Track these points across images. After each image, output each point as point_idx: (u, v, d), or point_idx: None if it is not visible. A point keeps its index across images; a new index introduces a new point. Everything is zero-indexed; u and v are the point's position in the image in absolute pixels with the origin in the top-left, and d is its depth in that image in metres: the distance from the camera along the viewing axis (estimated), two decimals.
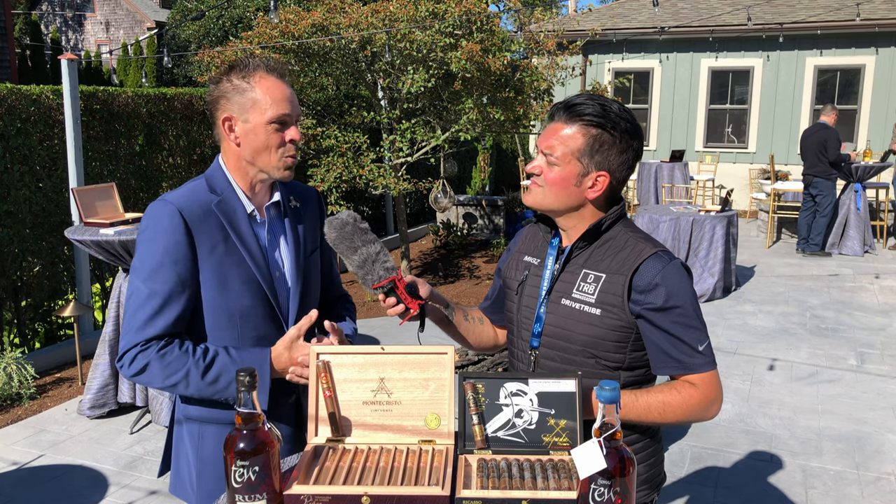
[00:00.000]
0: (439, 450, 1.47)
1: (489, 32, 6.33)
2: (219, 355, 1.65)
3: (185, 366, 1.62)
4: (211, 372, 1.63)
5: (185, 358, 1.62)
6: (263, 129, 1.66)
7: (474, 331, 1.85)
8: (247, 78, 1.67)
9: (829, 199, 8.53)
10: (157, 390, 4.05)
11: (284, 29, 6.19)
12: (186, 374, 1.62)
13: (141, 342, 1.63)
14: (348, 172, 6.35)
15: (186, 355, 1.63)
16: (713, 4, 13.27)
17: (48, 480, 3.62)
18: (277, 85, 1.68)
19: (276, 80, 1.68)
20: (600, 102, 1.56)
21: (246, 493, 1.25)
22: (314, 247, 1.88)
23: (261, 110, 1.66)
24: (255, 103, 1.66)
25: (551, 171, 1.58)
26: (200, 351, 1.65)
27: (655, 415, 1.52)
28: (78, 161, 5.27)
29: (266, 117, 1.66)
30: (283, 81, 1.70)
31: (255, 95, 1.66)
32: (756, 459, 3.84)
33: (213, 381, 1.63)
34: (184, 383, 1.63)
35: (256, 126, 1.66)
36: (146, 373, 1.63)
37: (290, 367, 1.67)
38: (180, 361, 1.62)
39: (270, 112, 1.66)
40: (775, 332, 5.97)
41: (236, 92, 1.66)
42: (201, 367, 1.63)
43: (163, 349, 1.63)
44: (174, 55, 11.48)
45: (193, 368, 1.62)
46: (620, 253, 1.58)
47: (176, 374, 1.62)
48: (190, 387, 1.63)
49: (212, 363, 1.64)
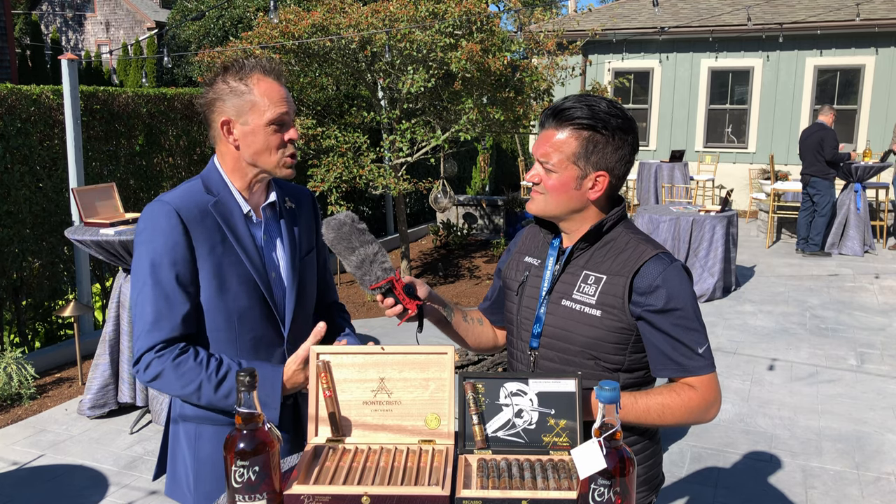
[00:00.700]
0: (439, 450, 1.47)
1: (489, 32, 6.33)
2: (231, 370, 1.65)
3: (198, 377, 1.62)
4: (223, 387, 1.64)
5: (198, 370, 1.62)
6: (263, 131, 1.66)
7: (473, 331, 1.84)
8: (244, 80, 1.66)
9: (827, 198, 8.54)
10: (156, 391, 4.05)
11: (284, 29, 6.19)
12: (199, 386, 1.62)
13: (153, 347, 1.62)
14: (348, 172, 6.35)
15: (200, 367, 1.63)
16: (713, 4, 13.27)
17: (48, 480, 3.62)
18: (274, 86, 1.67)
19: (272, 82, 1.68)
20: (587, 103, 1.55)
21: (246, 493, 1.25)
22: (310, 248, 1.88)
23: (259, 112, 1.65)
24: (253, 105, 1.65)
25: (550, 179, 1.58)
26: (214, 364, 1.64)
27: (654, 417, 1.52)
28: (78, 161, 5.27)
29: (265, 119, 1.66)
30: (280, 82, 1.70)
31: (253, 98, 1.65)
32: (756, 459, 3.84)
33: (226, 396, 1.64)
34: (196, 395, 1.63)
35: (256, 128, 1.66)
36: (161, 380, 1.63)
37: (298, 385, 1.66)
38: (194, 373, 1.62)
39: (269, 114, 1.66)
40: (775, 332, 5.97)
41: (233, 94, 1.66)
42: (214, 382, 1.63)
43: (178, 358, 1.62)
44: (174, 55, 11.48)
45: (206, 382, 1.62)
46: (621, 254, 1.58)
47: (190, 384, 1.62)
48: (202, 399, 1.64)
49: (224, 378, 1.64)
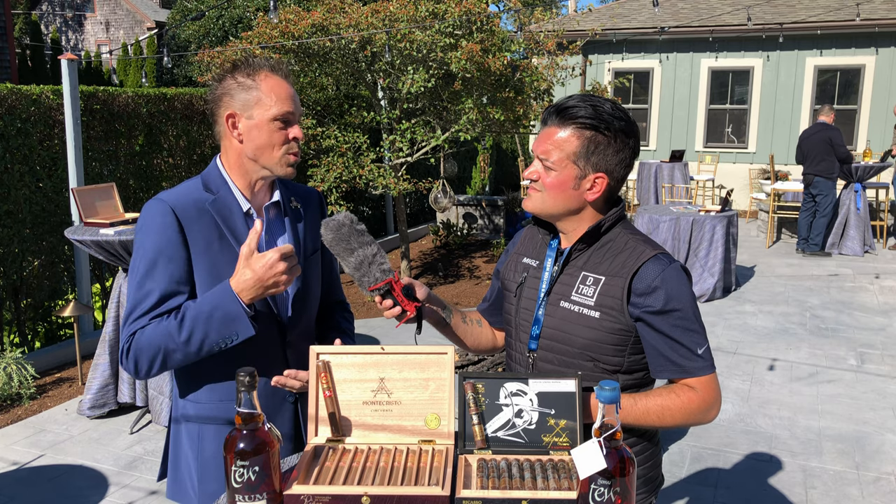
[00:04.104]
0: (439, 450, 1.47)
1: (489, 32, 6.33)
2: (188, 309, 1.61)
3: (166, 330, 1.59)
4: (184, 328, 1.59)
5: (160, 325, 1.60)
6: (267, 126, 1.68)
7: (472, 333, 1.84)
8: (252, 76, 1.69)
9: (830, 198, 8.53)
10: (156, 391, 4.05)
11: (284, 29, 6.19)
12: (168, 336, 1.58)
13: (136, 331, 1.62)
14: (348, 172, 6.35)
15: (161, 321, 1.61)
16: (713, 4, 13.27)
17: (48, 480, 3.62)
18: (281, 84, 1.70)
19: (280, 80, 1.70)
20: (592, 103, 1.55)
21: (246, 493, 1.25)
22: (314, 248, 1.87)
23: (265, 107, 1.67)
24: (259, 100, 1.67)
25: (549, 176, 1.58)
26: (173, 314, 1.61)
27: (654, 418, 1.52)
28: (78, 161, 5.27)
29: (270, 114, 1.67)
30: (287, 81, 1.72)
31: (259, 93, 1.67)
32: (756, 459, 3.84)
33: (187, 339, 1.59)
34: (170, 354, 1.59)
35: (260, 123, 1.67)
36: (137, 358, 1.61)
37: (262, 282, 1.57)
38: (157, 330, 1.60)
39: (274, 109, 1.67)
40: (775, 333, 5.97)
41: (241, 89, 1.68)
42: (175, 326, 1.59)
43: (144, 328, 1.61)
44: (174, 55, 11.49)
45: (175, 332, 1.58)
46: (620, 255, 1.57)
47: (158, 346, 1.59)
48: (177, 352, 1.60)
49: (183, 318, 1.60)
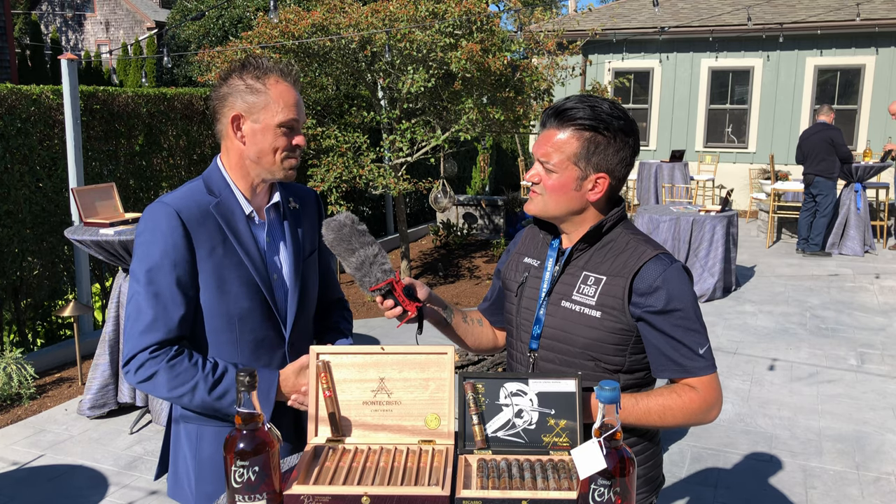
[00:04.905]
0: (439, 450, 1.47)
1: (489, 32, 6.33)
2: (228, 371, 1.65)
3: (193, 378, 1.61)
4: (219, 388, 1.63)
5: (194, 371, 1.62)
6: (272, 132, 1.67)
7: (473, 332, 1.84)
8: (261, 79, 1.68)
9: (830, 198, 8.53)
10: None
11: (284, 29, 6.18)
12: (194, 387, 1.62)
13: (147, 348, 1.61)
14: (348, 172, 6.35)
15: (196, 368, 1.62)
16: (713, 4, 13.27)
17: (48, 480, 3.62)
18: (290, 90, 1.69)
19: (289, 86, 1.69)
20: (590, 104, 1.55)
21: (246, 493, 1.25)
22: (312, 248, 1.87)
23: (272, 113, 1.66)
24: (266, 105, 1.66)
25: (550, 179, 1.58)
26: (210, 365, 1.64)
27: (655, 418, 1.52)
28: (78, 161, 5.27)
29: (276, 120, 1.67)
30: (295, 88, 1.71)
31: (267, 98, 1.66)
32: (756, 459, 3.84)
33: (219, 397, 1.63)
34: (189, 396, 1.62)
35: (266, 127, 1.67)
36: (152, 381, 1.62)
37: (294, 393, 1.68)
38: (189, 374, 1.61)
39: (281, 116, 1.67)
40: (775, 332, 5.97)
41: (249, 91, 1.67)
42: (210, 382, 1.62)
43: (173, 360, 1.62)
44: (174, 55, 11.48)
45: (202, 382, 1.62)
46: (621, 255, 1.57)
47: (183, 385, 1.61)
48: (195, 400, 1.63)
49: (220, 379, 1.64)
